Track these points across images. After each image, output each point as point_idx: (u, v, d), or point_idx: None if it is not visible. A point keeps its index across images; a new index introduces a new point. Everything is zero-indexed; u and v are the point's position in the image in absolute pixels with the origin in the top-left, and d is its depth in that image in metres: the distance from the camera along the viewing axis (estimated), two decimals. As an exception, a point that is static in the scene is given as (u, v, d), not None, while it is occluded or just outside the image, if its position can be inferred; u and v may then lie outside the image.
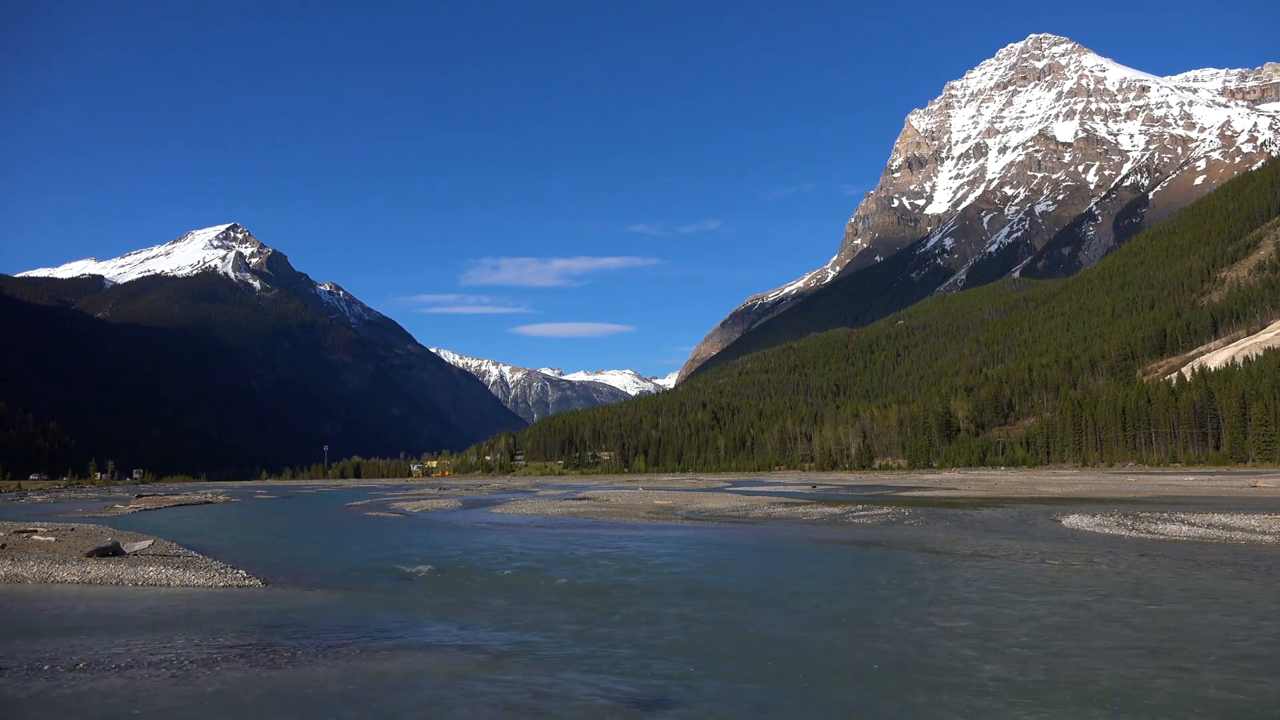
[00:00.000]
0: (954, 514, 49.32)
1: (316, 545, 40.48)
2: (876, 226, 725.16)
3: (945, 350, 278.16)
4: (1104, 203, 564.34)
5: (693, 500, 69.42)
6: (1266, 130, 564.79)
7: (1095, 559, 27.92)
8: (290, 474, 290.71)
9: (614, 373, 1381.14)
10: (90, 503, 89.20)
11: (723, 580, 25.52)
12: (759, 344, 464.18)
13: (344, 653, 16.38)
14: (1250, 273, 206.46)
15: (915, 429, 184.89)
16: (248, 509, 79.84)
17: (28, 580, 25.87)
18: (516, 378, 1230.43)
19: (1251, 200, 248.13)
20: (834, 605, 21.19)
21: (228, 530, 52.08)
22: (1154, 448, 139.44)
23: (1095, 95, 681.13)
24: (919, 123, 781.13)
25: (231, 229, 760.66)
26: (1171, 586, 22.35)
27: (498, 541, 38.84)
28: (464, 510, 66.88)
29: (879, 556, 31.21)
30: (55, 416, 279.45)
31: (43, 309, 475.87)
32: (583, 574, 26.95)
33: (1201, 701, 12.88)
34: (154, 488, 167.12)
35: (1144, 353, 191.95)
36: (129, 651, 16.39)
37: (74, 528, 41.82)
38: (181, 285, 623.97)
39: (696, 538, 40.25)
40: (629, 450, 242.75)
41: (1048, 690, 13.52)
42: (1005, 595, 21.77)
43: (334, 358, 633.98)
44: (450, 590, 24.45)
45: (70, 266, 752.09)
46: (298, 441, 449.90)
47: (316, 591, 24.49)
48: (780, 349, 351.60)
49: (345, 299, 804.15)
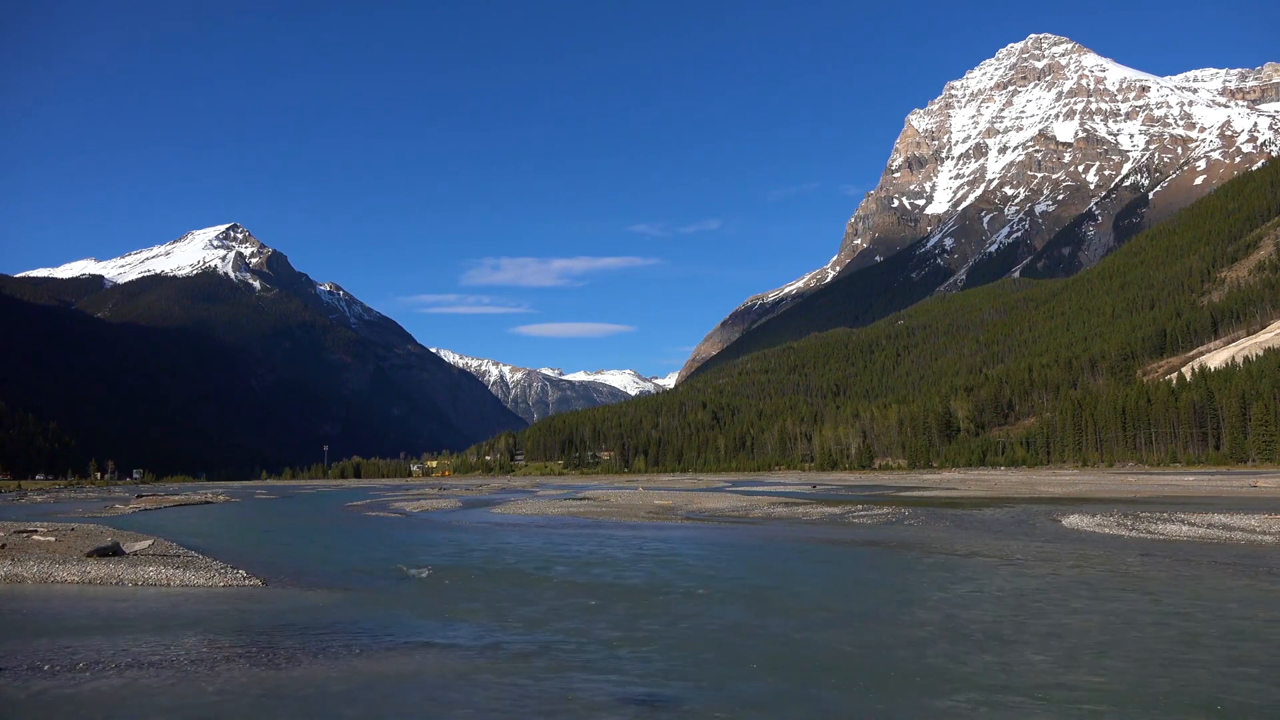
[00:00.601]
0: (954, 514, 49.32)
1: (316, 545, 40.49)
2: (876, 226, 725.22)
3: (945, 350, 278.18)
4: (1104, 203, 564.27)
5: (693, 500, 69.43)
6: (1266, 130, 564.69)
7: (1095, 559, 27.92)
8: (290, 474, 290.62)
9: (614, 373, 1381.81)
10: (90, 503, 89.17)
11: (723, 580, 25.51)
12: (759, 344, 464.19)
13: (344, 653, 16.38)
14: (1250, 273, 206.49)
15: (915, 429, 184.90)
16: (248, 509, 79.84)
17: (28, 580, 25.87)
18: (516, 378, 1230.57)
19: (1251, 200, 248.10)
20: (835, 605, 21.18)
21: (228, 530, 52.09)
22: (1154, 448, 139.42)
23: (1095, 95, 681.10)
24: (919, 123, 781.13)
25: (231, 229, 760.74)
26: (1171, 586, 22.34)
27: (498, 541, 38.83)
28: (464, 510, 66.88)
29: (879, 556, 31.21)
30: (55, 416, 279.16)
31: (43, 309, 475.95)
32: (582, 574, 26.95)
33: (1201, 701, 12.88)
34: (154, 488, 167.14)
35: (1144, 353, 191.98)
36: (129, 651, 16.39)
37: (74, 528, 41.82)
38: (181, 285, 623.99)
39: (697, 538, 40.25)
40: (629, 450, 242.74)
41: (1047, 690, 13.52)
42: (1005, 595, 21.77)
43: (334, 358, 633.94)
44: (450, 590, 24.44)
45: (70, 266, 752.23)
46: (298, 441, 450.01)
47: (316, 591, 24.49)
48: (780, 349, 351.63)
49: (345, 299, 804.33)
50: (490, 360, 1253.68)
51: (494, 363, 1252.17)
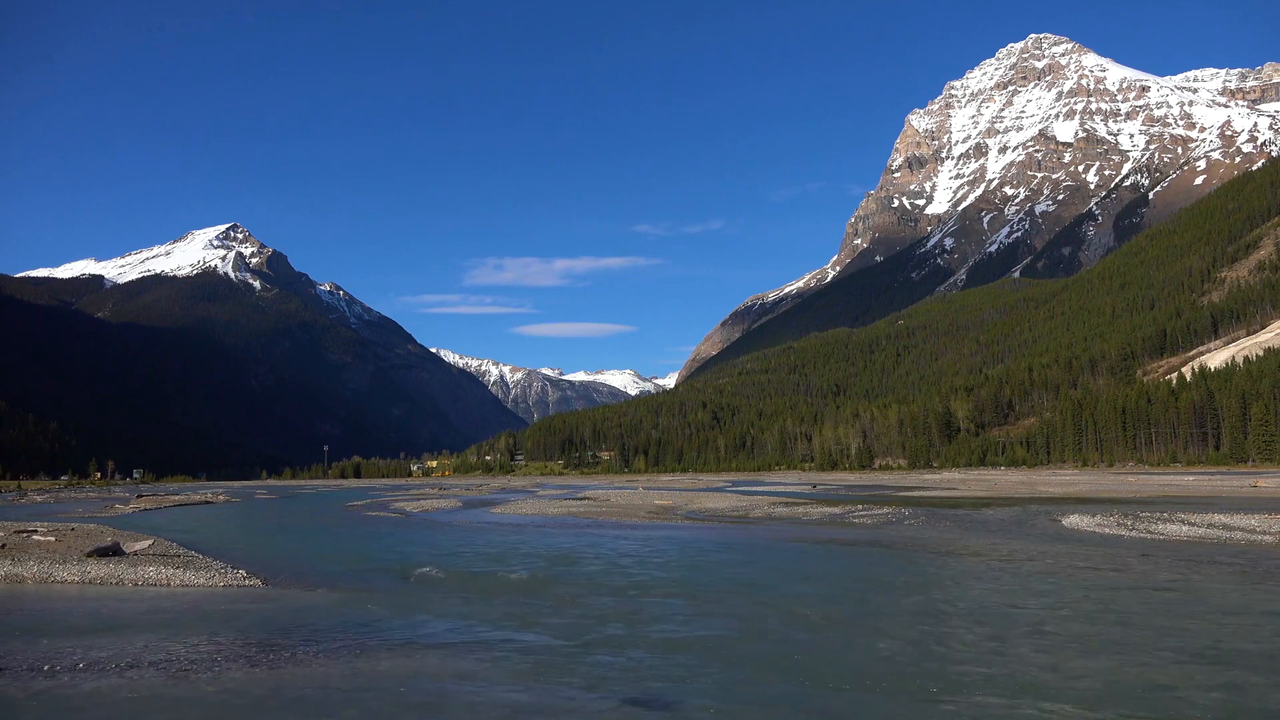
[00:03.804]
0: (954, 514, 49.32)
1: (316, 545, 40.50)
2: (876, 226, 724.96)
3: (945, 350, 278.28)
4: (1104, 203, 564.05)
5: (693, 500, 69.44)
6: (1266, 130, 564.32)
7: (1095, 559, 27.92)
8: (290, 474, 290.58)
9: (614, 373, 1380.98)
10: (90, 503, 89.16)
11: (723, 580, 25.50)
12: (759, 344, 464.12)
13: (344, 653, 16.38)
14: (1250, 273, 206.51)
15: (915, 429, 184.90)
16: (248, 509, 79.84)
17: (28, 580, 25.87)
18: (517, 378, 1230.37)
19: (1251, 200, 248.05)
20: (835, 605, 21.19)
21: (228, 530, 52.10)
22: (1154, 448, 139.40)
23: (1095, 95, 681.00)
24: (919, 123, 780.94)
25: (231, 229, 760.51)
26: (1171, 586, 22.35)
27: (498, 541, 38.83)
28: (464, 510, 66.89)
29: (879, 556, 31.22)
30: (55, 416, 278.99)
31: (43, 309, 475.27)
32: (583, 573, 26.95)
33: (1202, 702, 12.88)
34: (154, 488, 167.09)
35: (1144, 353, 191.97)
36: (129, 651, 16.39)
37: (74, 528, 41.83)
38: (181, 285, 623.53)
39: (697, 537, 40.25)
40: (629, 450, 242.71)
41: (1047, 690, 13.52)
42: (1005, 595, 21.78)
43: (334, 358, 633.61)
44: (450, 590, 24.44)
45: (70, 266, 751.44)
46: (298, 441, 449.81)
47: (316, 591, 24.50)
48: (780, 349, 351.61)
49: (345, 299, 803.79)
50: (490, 360, 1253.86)
51: (494, 363, 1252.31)
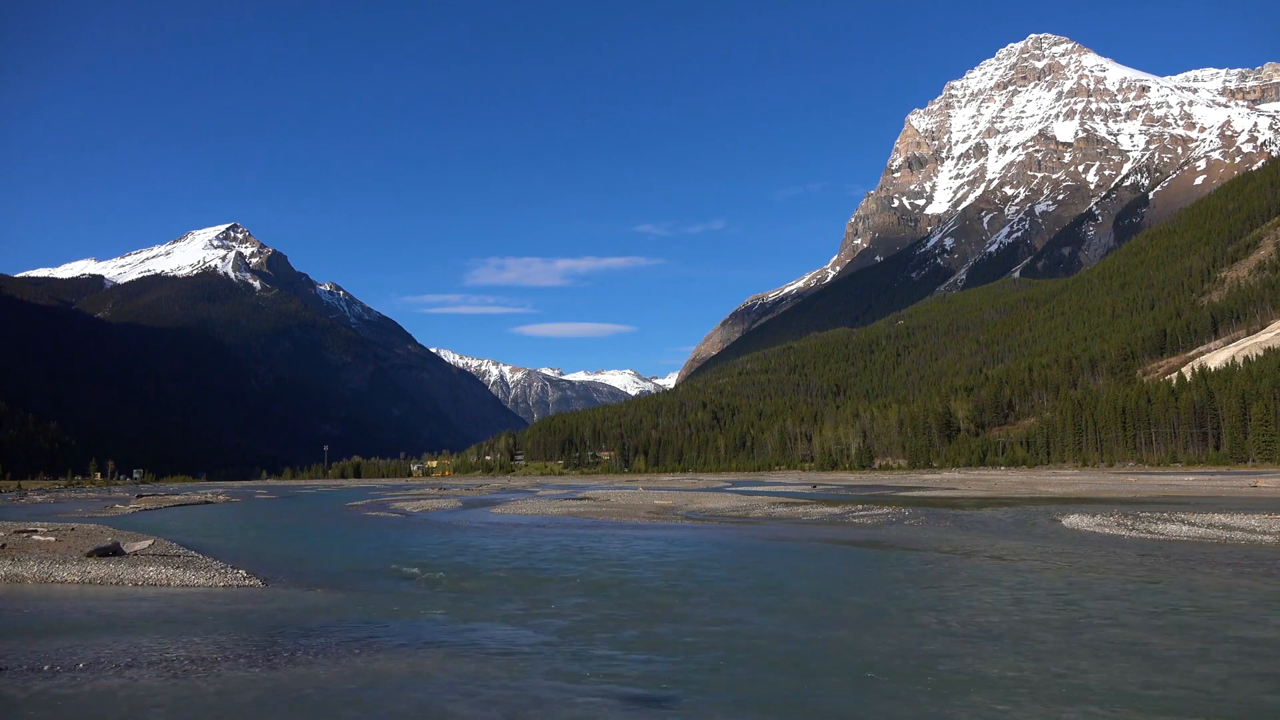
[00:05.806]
0: (954, 514, 49.32)
1: (316, 545, 40.50)
2: (876, 226, 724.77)
3: (945, 350, 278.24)
4: (1104, 203, 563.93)
5: (693, 500, 69.44)
6: (1266, 130, 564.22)
7: (1095, 559, 27.92)
8: (290, 474, 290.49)
9: (614, 373, 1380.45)
10: (90, 503, 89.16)
11: (723, 580, 25.50)
12: (759, 344, 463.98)
13: (344, 653, 16.38)
14: (1250, 273, 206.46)
15: (915, 429, 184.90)
16: (248, 509, 79.85)
17: (28, 580, 25.87)
18: (516, 378, 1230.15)
19: (1251, 200, 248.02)
20: (835, 605, 21.19)
21: (228, 530, 52.10)
22: (1154, 448, 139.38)
23: (1095, 95, 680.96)
24: (919, 123, 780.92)
25: (231, 229, 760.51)
26: (1171, 587, 22.34)
27: (498, 541, 38.83)
28: (464, 510, 66.89)
29: (879, 556, 31.23)
30: (55, 416, 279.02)
31: (43, 309, 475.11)
32: (583, 573, 26.95)
33: (1202, 702, 12.88)
34: (154, 488, 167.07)
35: (1144, 353, 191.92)
36: (129, 651, 16.39)
37: (74, 528, 41.83)
38: (182, 285, 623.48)
39: (697, 537, 40.25)
40: (629, 450, 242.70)
41: (1047, 689, 13.52)
42: (1004, 595, 21.77)
43: (334, 358, 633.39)
44: (450, 590, 24.45)
45: (70, 266, 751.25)
46: (298, 441, 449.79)
47: (316, 591, 24.50)
48: (780, 349, 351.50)
49: (345, 299, 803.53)
50: (490, 360, 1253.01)
51: (494, 363, 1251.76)
